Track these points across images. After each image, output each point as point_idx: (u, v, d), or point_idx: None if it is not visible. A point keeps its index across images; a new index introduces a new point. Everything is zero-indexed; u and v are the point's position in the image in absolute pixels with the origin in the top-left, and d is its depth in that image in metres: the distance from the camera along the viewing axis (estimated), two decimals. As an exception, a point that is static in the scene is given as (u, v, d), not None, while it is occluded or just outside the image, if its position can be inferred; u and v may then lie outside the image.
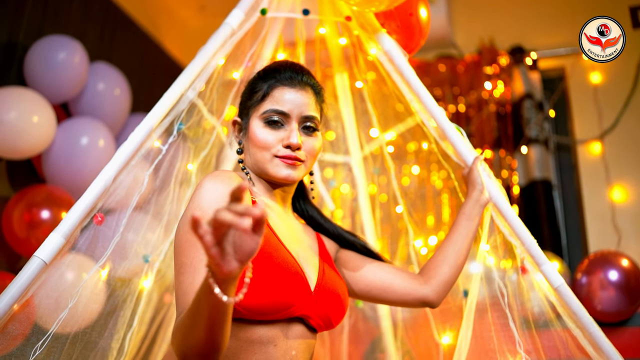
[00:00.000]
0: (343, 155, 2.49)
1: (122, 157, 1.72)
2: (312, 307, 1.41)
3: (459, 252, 1.74)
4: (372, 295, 1.71)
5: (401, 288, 1.68)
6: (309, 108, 1.52)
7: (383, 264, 1.74)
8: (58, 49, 2.79)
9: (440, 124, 1.96)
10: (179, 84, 1.86)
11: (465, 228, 1.77)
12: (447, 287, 1.72)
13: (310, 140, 1.53)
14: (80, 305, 1.65)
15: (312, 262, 1.52)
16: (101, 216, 1.70)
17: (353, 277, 1.69)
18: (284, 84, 1.53)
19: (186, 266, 1.28)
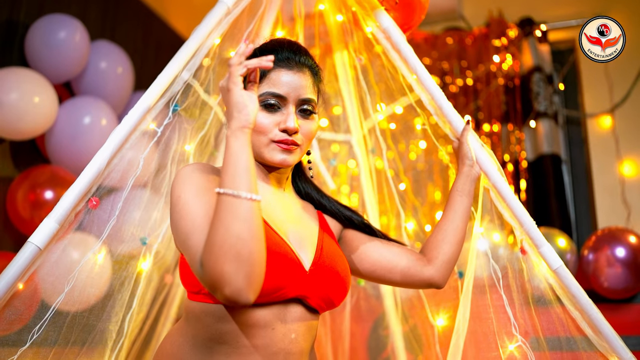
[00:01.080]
0: (344, 134, 2.46)
1: (115, 141, 1.70)
2: (309, 287, 1.39)
3: (457, 229, 1.71)
4: (377, 276, 1.68)
5: (406, 269, 1.66)
6: (307, 91, 1.49)
7: (388, 243, 1.71)
8: (58, 28, 2.77)
9: (438, 103, 1.92)
10: (174, 65, 1.83)
11: (460, 204, 1.74)
12: (451, 265, 1.70)
13: (307, 123, 1.50)
14: (77, 289, 1.65)
15: (309, 242, 1.49)
16: (96, 200, 1.69)
17: (357, 256, 1.67)
18: (281, 65, 1.48)
19: (194, 213, 1.27)
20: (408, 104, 2.08)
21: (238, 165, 1.22)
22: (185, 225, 1.28)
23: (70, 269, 1.66)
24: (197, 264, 1.22)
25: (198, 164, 1.43)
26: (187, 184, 1.34)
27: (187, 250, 1.26)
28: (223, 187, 1.19)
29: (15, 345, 1.54)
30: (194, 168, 1.40)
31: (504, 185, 1.82)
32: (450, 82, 4.00)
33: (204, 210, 1.28)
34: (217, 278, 1.13)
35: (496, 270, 1.76)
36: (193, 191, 1.32)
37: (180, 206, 1.31)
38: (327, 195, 1.75)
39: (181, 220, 1.29)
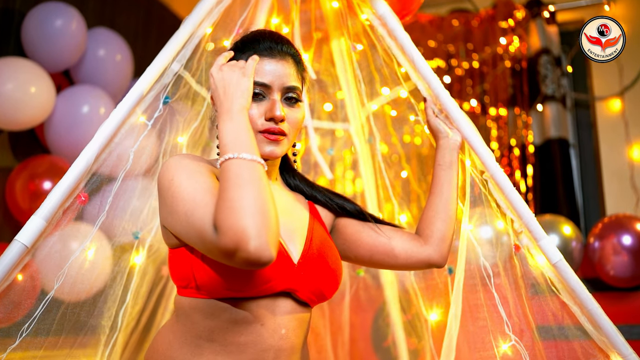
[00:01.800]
0: (342, 123, 2.42)
1: (103, 135, 1.67)
2: (298, 280, 1.36)
3: (446, 203, 1.68)
4: (375, 261, 1.65)
5: (403, 252, 1.63)
6: (291, 78, 1.47)
7: (383, 227, 1.68)
8: (54, 17, 2.74)
9: (435, 92, 1.86)
10: (163, 57, 1.79)
11: (444, 177, 1.71)
12: (447, 242, 1.66)
13: (293, 111, 1.47)
14: (66, 285, 1.64)
15: (298, 234, 1.46)
16: (85, 196, 1.67)
17: (353, 243, 1.64)
18: (263, 54, 1.47)
19: (194, 191, 1.26)
20: (413, 88, 2.02)
21: (244, 136, 1.26)
22: (184, 205, 1.24)
23: (60, 265, 1.64)
24: (209, 232, 1.17)
25: (186, 154, 1.40)
26: (178, 169, 1.31)
27: (192, 227, 1.22)
28: (231, 153, 1.21)
29: (4, 341, 1.54)
30: (182, 156, 1.37)
31: (502, 177, 1.77)
32: (456, 65, 3.93)
33: (202, 189, 1.25)
34: (240, 234, 1.10)
35: (487, 268, 1.72)
36: (185, 174, 1.29)
37: (174, 189, 1.28)
38: (317, 185, 1.72)
39: (179, 202, 1.25)
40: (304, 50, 2.26)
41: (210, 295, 1.31)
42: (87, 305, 1.73)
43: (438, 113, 1.82)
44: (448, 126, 1.79)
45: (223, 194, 1.16)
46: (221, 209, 1.14)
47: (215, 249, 1.16)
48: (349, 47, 2.33)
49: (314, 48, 2.30)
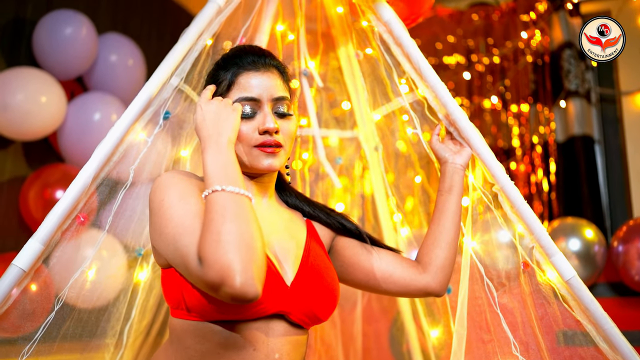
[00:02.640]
0: (350, 130, 2.36)
1: (101, 155, 1.65)
2: (290, 302, 1.33)
3: (447, 230, 1.64)
4: (371, 286, 1.62)
5: (401, 279, 1.59)
6: (278, 89, 1.45)
7: (382, 251, 1.63)
8: (64, 24, 2.73)
9: (442, 101, 1.80)
10: (161, 72, 1.76)
11: (444, 203, 1.67)
12: (446, 271, 1.62)
13: (286, 123, 1.45)
14: (66, 307, 1.63)
15: (293, 253, 1.43)
16: (84, 216, 1.65)
17: (351, 266, 1.61)
18: (247, 69, 1.45)
19: (180, 217, 1.23)
20: (413, 101, 1.96)
21: (232, 169, 1.25)
22: (173, 228, 1.22)
23: (60, 287, 1.63)
24: (194, 263, 1.15)
25: (177, 171, 1.38)
26: (169, 189, 1.29)
27: (178, 252, 1.20)
28: (220, 185, 1.19)
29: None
30: (174, 174, 1.35)
31: (513, 189, 1.71)
32: (476, 60, 3.84)
33: (192, 212, 1.23)
34: (225, 269, 1.08)
35: (490, 287, 1.66)
36: (176, 195, 1.27)
37: (164, 210, 1.26)
38: (315, 203, 1.68)
39: (168, 224, 1.23)
40: (310, 58, 2.21)
41: (201, 318, 1.28)
42: (89, 325, 1.72)
43: (445, 137, 1.77)
44: (452, 149, 1.73)
45: (209, 227, 1.13)
46: (207, 241, 1.12)
47: (200, 281, 1.14)
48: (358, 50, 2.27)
49: (321, 55, 2.25)
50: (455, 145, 1.78)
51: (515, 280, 1.71)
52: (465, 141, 1.78)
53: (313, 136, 2.25)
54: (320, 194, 2.29)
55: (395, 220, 2.23)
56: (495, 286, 1.69)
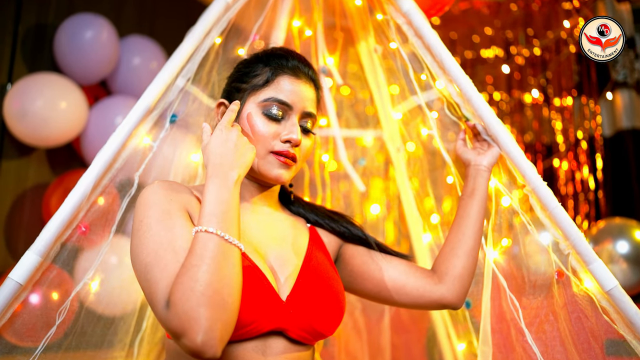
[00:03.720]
0: (373, 130, 2.23)
1: (101, 162, 1.58)
2: (286, 318, 1.24)
3: (465, 238, 1.53)
4: (382, 297, 1.52)
5: (414, 289, 1.50)
6: (311, 104, 1.41)
7: (393, 259, 1.54)
8: (84, 28, 2.70)
9: (467, 95, 1.66)
10: (165, 73, 1.69)
11: (465, 208, 1.57)
12: (464, 282, 1.52)
13: (307, 140, 1.40)
14: (68, 321, 1.56)
15: (291, 264, 1.35)
16: (85, 226, 1.58)
17: (360, 276, 1.52)
18: (289, 73, 1.40)
19: (161, 244, 1.15)
20: (434, 99, 1.81)
21: (231, 212, 1.16)
22: (146, 256, 1.14)
23: (61, 300, 1.56)
24: (161, 303, 1.06)
25: (164, 183, 1.30)
26: (150, 208, 1.21)
27: (147, 284, 1.11)
28: (215, 228, 1.11)
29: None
30: (158, 187, 1.27)
31: (546, 191, 1.57)
32: (515, 53, 3.68)
33: (168, 240, 1.14)
34: (192, 322, 1.00)
35: (513, 300, 1.51)
36: (156, 216, 1.19)
37: (141, 233, 1.18)
38: (320, 209, 1.60)
39: (142, 250, 1.15)
40: (329, 54, 2.09)
41: None
42: (93, 339, 1.65)
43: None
44: (478, 149, 1.61)
45: (188, 271, 1.05)
46: (181, 286, 1.03)
47: (161, 322, 1.06)
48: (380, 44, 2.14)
49: (340, 50, 2.12)
50: (483, 145, 1.65)
51: (546, 291, 1.57)
52: (491, 139, 1.64)
53: (333, 136, 2.13)
54: (342, 197, 2.17)
55: (434, 222, 2.08)
56: (521, 299, 1.55)
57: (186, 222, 1.19)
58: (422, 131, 1.83)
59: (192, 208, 1.27)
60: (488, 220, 1.61)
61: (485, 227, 1.60)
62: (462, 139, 1.70)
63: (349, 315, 2.18)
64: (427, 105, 1.76)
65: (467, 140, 1.70)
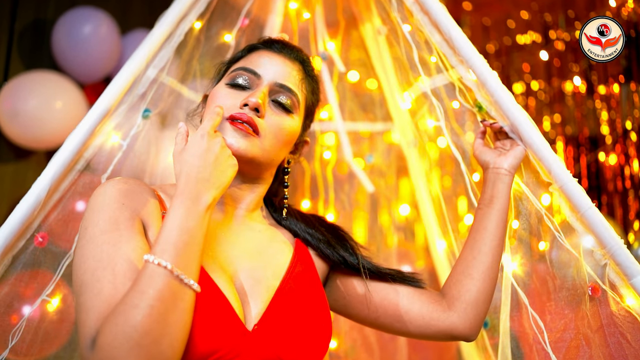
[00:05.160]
0: (382, 122, 1.99)
1: (58, 164, 1.41)
2: (252, 350, 1.04)
3: (481, 256, 1.30)
4: (382, 324, 1.32)
5: (419, 317, 1.28)
6: (288, 78, 1.22)
7: (397, 283, 1.33)
8: (82, 23, 2.54)
9: (481, 78, 1.42)
10: (133, 63, 1.51)
11: (482, 220, 1.33)
12: (478, 309, 1.29)
13: (279, 116, 1.20)
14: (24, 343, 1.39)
15: (265, 285, 1.15)
16: (43, 236, 1.42)
17: (355, 299, 1.31)
18: (264, 48, 1.27)
19: (102, 260, 0.98)
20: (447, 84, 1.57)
21: (194, 246, 0.97)
22: (83, 272, 0.98)
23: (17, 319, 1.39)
24: (86, 340, 0.90)
25: (120, 181, 1.12)
26: (98, 213, 1.04)
27: (77, 307, 0.96)
28: (170, 262, 0.92)
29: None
30: (111, 187, 1.09)
31: (576, 189, 1.34)
32: (554, 37, 3.39)
33: (109, 256, 0.98)
34: None
35: (538, 323, 1.28)
36: (102, 224, 1.03)
37: (83, 242, 1.02)
38: (315, 227, 1.36)
39: (81, 264, 0.99)
40: (330, 38, 1.87)
41: None
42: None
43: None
44: (499, 147, 1.39)
45: (125, 310, 0.88)
46: (113, 326, 0.87)
47: (83, 357, 0.91)
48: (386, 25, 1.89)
49: (342, 34, 1.89)
50: (504, 144, 1.40)
51: (576, 310, 1.32)
52: (512, 131, 1.38)
53: (336, 131, 1.90)
54: (347, 199, 1.94)
55: (467, 223, 1.84)
56: (545, 319, 1.33)
57: (134, 237, 1.02)
58: (427, 122, 1.58)
59: (149, 215, 1.08)
60: (505, 226, 1.36)
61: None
62: (480, 138, 1.46)
63: (358, 331, 1.94)
64: (433, 92, 1.52)
65: (487, 138, 1.46)
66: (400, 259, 2.13)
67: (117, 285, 0.93)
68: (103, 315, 0.90)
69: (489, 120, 1.42)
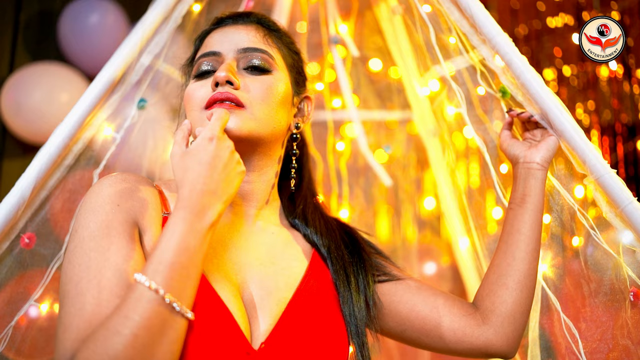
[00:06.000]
0: (400, 110, 1.85)
1: (44, 160, 1.31)
2: None
3: (516, 263, 1.17)
4: (407, 338, 1.21)
5: (450, 332, 1.17)
6: (249, 40, 1.14)
7: (422, 288, 1.21)
8: (88, 13, 2.48)
9: (505, 58, 1.28)
10: (125, 49, 1.41)
11: (515, 221, 1.20)
12: (516, 322, 1.16)
13: (258, 79, 1.10)
14: (10, 352, 1.30)
15: (275, 298, 1.06)
16: (30, 237, 1.32)
17: (378, 311, 1.20)
18: (216, 28, 1.20)
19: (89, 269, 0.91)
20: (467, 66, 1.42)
21: (193, 268, 0.88)
22: (68, 281, 0.91)
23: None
24: (63, 358, 0.83)
25: (118, 178, 1.03)
26: (89, 213, 0.97)
27: (58, 319, 0.89)
28: (162, 286, 0.83)
29: None
30: (107, 185, 1.01)
31: (615, 182, 1.20)
32: (588, 19, 3.16)
33: (96, 266, 0.90)
34: None
35: (572, 331, 1.18)
36: (93, 227, 0.95)
37: (72, 246, 0.95)
38: (332, 224, 1.26)
39: (67, 271, 0.92)
40: (342, 20, 1.73)
41: None
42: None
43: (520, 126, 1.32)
44: (529, 139, 1.27)
45: (107, 335, 0.80)
46: (91, 353, 0.79)
47: None
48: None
49: (355, 16, 1.76)
50: (534, 135, 1.27)
51: (615, 317, 1.20)
52: (539, 115, 1.23)
53: (350, 120, 1.77)
54: (362, 194, 1.81)
55: (496, 218, 1.70)
56: (580, 327, 1.21)
57: (127, 244, 0.94)
58: (447, 110, 1.44)
59: (146, 218, 1.00)
60: (541, 228, 1.23)
61: None
62: (507, 129, 1.32)
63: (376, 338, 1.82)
64: (452, 76, 1.38)
65: (514, 130, 1.31)
66: (422, 255, 2.00)
67: (101, 302, 0.86)
68: (82, 335, 0.83)
69: (515, 109, 1.27)
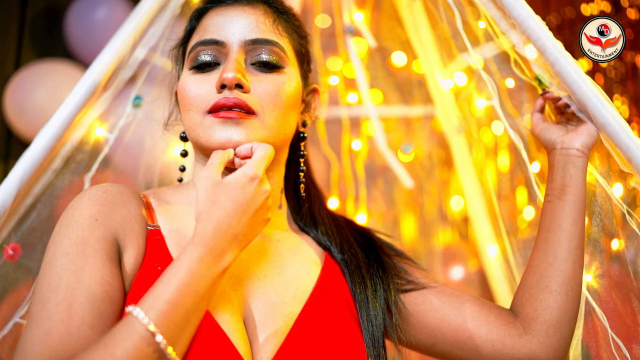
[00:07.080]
0: (422, 106, 1.71)
1: (28, 163, 1.21)
2: None
3: (559, 263, 1.06)
4: (439, 351, 1.11)
5: (488, 344, 1.06)
6: (258, 28, 1.02)
7: (453, 295, 1.10)
8: (95, 8, 2.38)
9: (537, 44, 1.15)
10: (118, 42, 1.31)
11: (554, 215, 1.08)
12: (562, 330, 1.07)
13: (269, 80, 1.00)
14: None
15: (282, 313, 0.97)
16: (14, 248, 1.23)
17: (404, 321, 1.10)
18: (215, 6, 1.06)
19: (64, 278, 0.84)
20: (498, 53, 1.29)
21: (195, 314, 0.82)
22: (36, 301, 0.84)
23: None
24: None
25: (98, 191, 0.96)
26: (66, 231, 0.90)
27: (20, 343, 0.81)
28: (159, 328, 0.77)
29: None
30: (87, 198, 0.94)
31: None
32: (626, 5, 3.00)
33: (68, 286, 0.83)
34: None
35: (621, 350, 1.06)
36: (67, 243, 0.88)
37: (44, 262, 0.88)
38: (345, 229, 1.16)
39: (37, 288, 0.86)
40: (357, 8, 1.60)
41: None
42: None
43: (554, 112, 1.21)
44: (568, 124, 1.16)
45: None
46: None
47: None
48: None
49: (371, 3, 1.62)
50: (572, 119, 1.16)
51: None
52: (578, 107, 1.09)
53: (367, 116, 1.64)
54: (382, 197, 1.68)
55: (527, 219, 1.56)
56: (631, 347, 1.08)
57: (103, 265, 0.87)
58: (477, 102, 1.30)
59: (128, 232, 0.93)
60: (584, 221, 1.12)
61: None
62: (538, 112, 1.20)
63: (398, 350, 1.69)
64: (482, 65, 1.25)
65: (546, 114, 1.18)
66: (448, 259, 1.87)
67: (71, 329, 0.79)
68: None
69: (551, 92, 1.13)
